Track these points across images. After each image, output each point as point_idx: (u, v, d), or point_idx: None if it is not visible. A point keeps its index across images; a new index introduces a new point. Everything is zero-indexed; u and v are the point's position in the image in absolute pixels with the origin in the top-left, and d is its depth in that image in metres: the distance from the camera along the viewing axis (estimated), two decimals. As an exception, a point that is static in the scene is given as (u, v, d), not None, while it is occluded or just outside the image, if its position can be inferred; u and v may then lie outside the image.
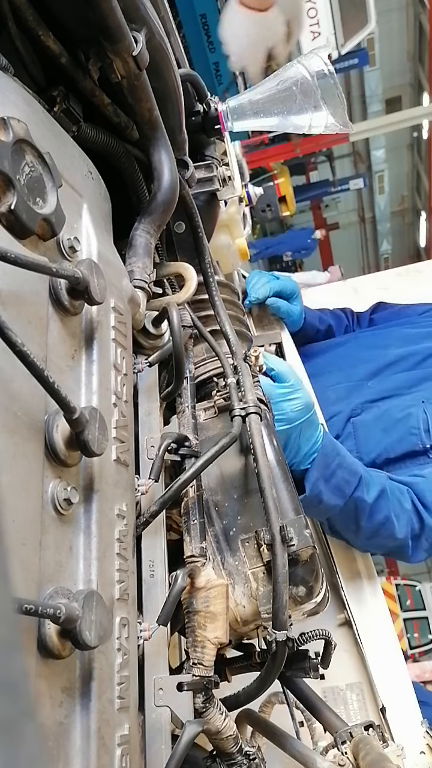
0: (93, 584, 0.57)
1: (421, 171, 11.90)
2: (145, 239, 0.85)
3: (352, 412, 1.84)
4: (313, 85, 1.13)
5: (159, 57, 0.81)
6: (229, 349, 0.99)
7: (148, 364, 0.86)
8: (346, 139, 8.14)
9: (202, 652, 0.76)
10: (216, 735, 0.77)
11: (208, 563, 0.81)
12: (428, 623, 9.49)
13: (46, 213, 0.57)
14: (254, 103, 1.19)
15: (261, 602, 0.80)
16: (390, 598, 8.94)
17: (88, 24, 0.70)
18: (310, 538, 0.80)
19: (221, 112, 1.19)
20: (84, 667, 0.54)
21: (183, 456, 0.85)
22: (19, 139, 0.55)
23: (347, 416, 1.83)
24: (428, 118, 8.91)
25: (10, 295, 0.53)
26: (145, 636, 0.69)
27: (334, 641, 0.89)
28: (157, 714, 0.69)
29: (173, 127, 0.92)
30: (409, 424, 1.74)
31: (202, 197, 1.22)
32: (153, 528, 0.76)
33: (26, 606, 0.44)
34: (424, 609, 9.64)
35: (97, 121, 0.84)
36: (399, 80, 11.11)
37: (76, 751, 0.51)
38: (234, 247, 1.70)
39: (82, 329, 0.66)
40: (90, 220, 0.71)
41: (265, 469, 0.81)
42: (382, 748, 0.85)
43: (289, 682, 0.96)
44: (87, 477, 0.61)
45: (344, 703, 1.47)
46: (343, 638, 1.52)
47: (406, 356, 1.91)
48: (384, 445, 1.74)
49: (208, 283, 1.06)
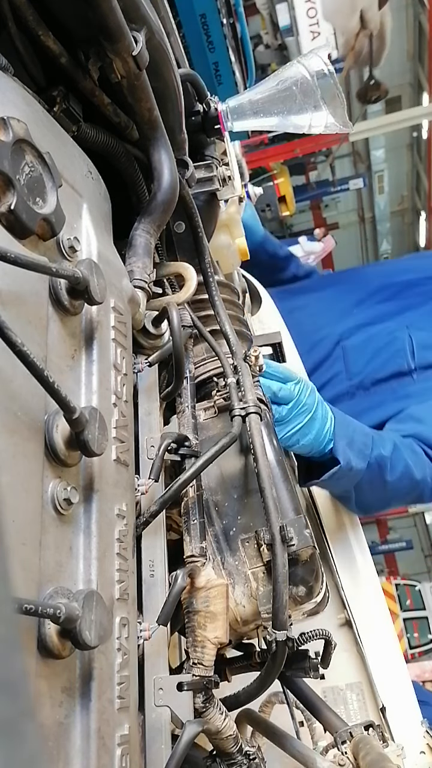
0: (93, 584, 0.57)
1: (420, 171, 11.89)
2: (145, 239, 0.85)
3: (340, 336, 1.98)
4: (313, 84, 1.13)
5: (159, 57, 0.81)
6: (229, 349, 0.99)
7: (148, 364, 0.85)
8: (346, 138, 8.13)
9: (202, 652, 0.76)
10: (216, 735, 0.77)
11: (208, 563, 0.81)
12: (428, 623, 9.50)
13: (45, 213, 0.57)
14: (254, 103, 1.19)
15: (261, 602, 0.80)
16: (390, 598, 8.95)
17: (88, 24, 0.70)
18: (310, 538, 0.80)
19: (221, 112, 1.18)
20: (84, 667, 0.54)
21: (183, 456, 0.85)
22: (19, 139, 0.55)
23: (336, 340, 1.98)
24: (428, 118, 8.90)
25: (10, 295, 0.53)
26: (145, 636, 0.69)
27: (334, 641, 0.89)
28: (157, 714, 0.69)
29: (173, 127, 0.92)
30: (395, 346, 1.90)
31: (202, 197, 1.22)
32: (153, 528, 0.76)
33: (26, 606, 0.44)
34: (424, 609, 9.66)
35: (97, 121, 0.84)
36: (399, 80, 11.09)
37: (76, 751, 0.51)
38: (234, 247, 1.70)
39: (82, 329, 0.66)
40: (90, 220, 0.71)
41: (265, 469, 0.81)
42: (382, 748, 0.85)
43: (289, 682, 0.96)
44: (87, 477, 0.61)
45: (344, 703, 1.47)
46: (343, 638, 1.52)
47: (386, 286, 2.05)
48: (373, 366, 1.89)
49: (208, 283, 1.06)
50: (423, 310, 1.98)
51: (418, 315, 1.97)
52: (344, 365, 1.95)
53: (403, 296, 2.02)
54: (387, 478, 1.56)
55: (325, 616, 0.93)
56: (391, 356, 1.92)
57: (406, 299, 2.01)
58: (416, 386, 1.88)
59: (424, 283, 2.03)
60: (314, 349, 1.98)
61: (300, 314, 2.00)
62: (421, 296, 2.00)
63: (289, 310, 2.03)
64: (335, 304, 2.08)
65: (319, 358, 1.99)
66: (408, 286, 2.04)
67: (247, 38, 3.37)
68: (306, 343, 1.97)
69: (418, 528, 15.18)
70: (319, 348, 1.97)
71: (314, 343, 1.97)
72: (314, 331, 1.99)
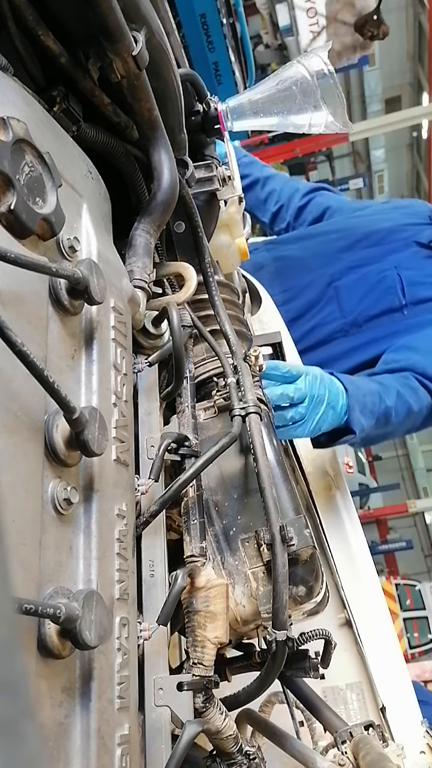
0: (93, 584, 0.57)
1: (420, 171, 11.89)
2: (145, 239, 0.85)
3: (331, 278, 2.10)
4: (313, 84, 1.13)
5: (159, 57, 0.81)
6: (229, 349, 0.99)
7: (148, 364, 0.85)
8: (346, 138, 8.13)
9: (202, 651, 0.76)
10: (216, 735, 0.77)
11: (208, 563, 0.81)
12: (428, 623, 9.51)
13: (45, 213, 0.57)
14: (254, 103, 1.19)
15: (261, 602, 0.80)
16: (390, 598, 8.95)
17: (88, 24, 0.70)
18: (310, 538, 0.80)
19: (221, 112, 1.18)
20: (84, 667, 0.54)
21: (183, 456, 0.85)
22: (19, 139, 0.55)
23: (327, 281, 2.10)
24: (428, 117, 8.91)
25: (10, 295, 0.53)
26: (145, 636, 0.69)
27: (334, 641, 0.89)
28: (157, 714, 0.69)
29: (173, 127, 0.92)
30: (386, 284, 2.04)
31: (201, 197, 1.22)
32: (153, 528, 0.76)
33: (26, 606, 0.44)
34: (424, 609, 9.67)
35: (96, 121, 0.84)
36: (399, 80, 11.11)
37: (76, 751, 0.51)
38: (234, 246, 1.69)
39: (81, 329, 0.66)
40: (90, 220, 0.71)
41: (265, 469, 0.81)
42: (382, 747, 0.85)
43: (289, 681, 0.96)
44: (87, 477, 0.61)
45: (344, 703, 1.47)
46: (343, 638, 1.51)
47: (371, 233, 2.20)
48: (365, 303, 2.02)
49: (207, 283, 1.06)
50: (407, 252, 2.13)
51: (403, 257, 2.11)
52: (337, 304, 2.07)
53: (387, 242, 2.16)
54: (392, 420, 1.68)
55: (325, 616, 0.93)
56: (382, 293, 2.04)
57: (390, 244, 2.15)
58: (407, 321, 2.02)
59: (404, 230, 2.19)
60: (306, 291, 2.10)
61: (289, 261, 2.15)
62: (403, 241, 2.16)
63: (277, 258, 2.20)
64: (323, 251, 2.20)
65: (311, 298, 2.11)
66: (390, 233, 2.18)
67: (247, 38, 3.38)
68: (296, 286, 2.12)
69: (418, 528, 15.19)
70: (311, 289, 2.09)
71: (305, 286, 2.10)
72: (305, 274, 2.11)
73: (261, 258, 2.21)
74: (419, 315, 2.02)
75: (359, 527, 1.70)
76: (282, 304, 2.05)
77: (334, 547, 1.63)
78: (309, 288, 2.10)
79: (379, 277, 2.06)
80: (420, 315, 2.02)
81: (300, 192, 2.54)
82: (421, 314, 2.02)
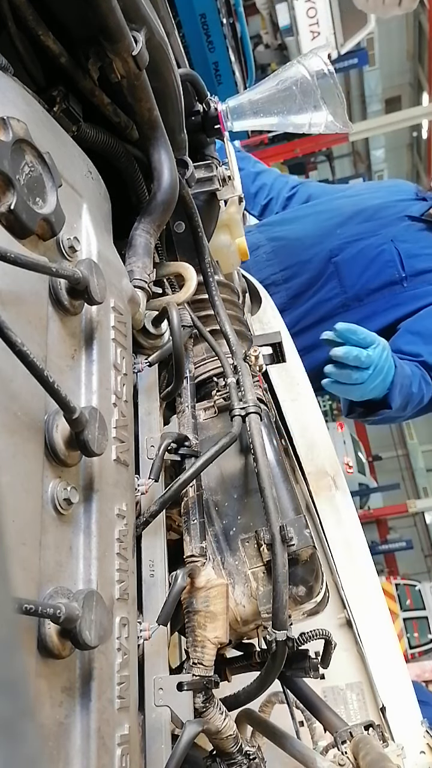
0: (93, 584, 0.57)
1: (420, 171, 11.90)
2: (145, 239, 0.85)
3: (330, 253, 2.15)
4: (313, 84, 1.13)
5: (159, 57, 0.81)
6: (229, 349, 0.99)
7: (148, 364, 0.85)
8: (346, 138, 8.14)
9: (202, 651, 0.76)
10: (216, 735, 0.77)
11: (208, 563, 0.81)
12: (428, 623, 9.51)
13: (45, 213, 0.57)
14: (254, 103, 1.19)
15: (261, 602, 0.80)
16: (390, 598, 8.95)
17: (88, 24, 0.70)
18: (310, 538, 0.80)
19: (221, 112, 1.18)
20: (84, 666, 0.54)
21: (183, 456, 0.85)
22: (19, 139, 0.55)
23: (327, 257, 2.15)
24: (428, 117, 8.91)
25: (10, 295, 0.53)
26: (145, 636, 0.69)
27: (334, 641, 0.89)
28: (157, 714, 0.69)
29: (173, 127, 0.92)
30: (384, 257, 2.09)
31: (201, 197, 1.22)
32: (153, 528, 0.76)
33: (26, 606, 0.44)
34: (424, 609, 9.67)
35: (96, 121, 0.84)
36: (398, 80, 11.11)
37: (76, 751, 0.51)
38: (234, 247, 1.69)
39: (81, 329, 0.66)
40: (90, 219, 0.71)
41: (265, 469, 0.81)
42: (382, 747, 0.85)
43: (289, 681, 0.96)
44: (87, 477, 0.61)
45: (344, 703, 1.46)
46: (343, 638, 1.51)
47: (361, 210, 2.23)
48: (366, 277, 2.07)
49: (207, 283, 1.06)
50: (401, 226, 2.18)
51: (397, 230, 2.16)
52: (338, 280, 2.11)
53: (378, 217, 2.21)
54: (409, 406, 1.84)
55: (325, 616, 0.93)
56: (382, 267, 2.09)
57: (382, 219, 2.20)
58: (406, 293, 2.08)
59: (393, 206, 2.25)
60: (306, 268, 2.14)
61: (285, 240, 2.18)
62: (394, 216, 2.21)
63: (272, 239, 2.23)
64: (318, 228, 2.24)
65: (312, 275, 2.15)
66: (380, 209, 2.23)
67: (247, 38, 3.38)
68: (296, 264, 2.16)
69: (418, 528, 15.19)
70: (311, 266, 2.13)
71: (304, 262, 2.13)
72: (302, 251, 2.14)
73: (255, 239, 2.24)
74: (418, 286, 2.09)
75: (359, 527, 1.70)
76: (282, 282, 2.11)
77: (334, 547, 1.63)
78: (309, 265, 2.13)
79: (377, 250, 2.11)
80: (419, 286, 2.09)
81: (288, 185, 2.58)
82: (420, 285, 2.09)
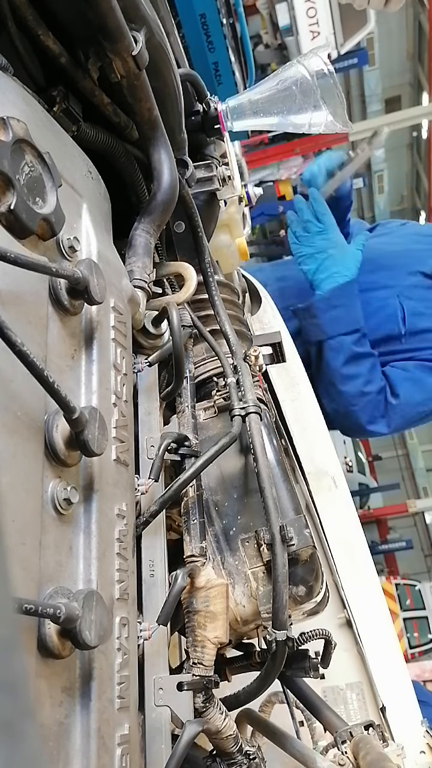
0: (93, 584, 0.57)
1: (420, 171, 11.90)
2: (145, 239, 0.85)
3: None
4: (313, 84, 1.13)
5: (158, 57, 0.81)
6: (229, 349, 0.99)
7: (147, 364, 0.85)
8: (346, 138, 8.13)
9: (202, 651, 0.76)
10: (216, 735, 0.77)
11: (208, 563, 0.81)
12: (428, 623, 9.50)
13: (45, 213, 0.57)
14: (254, 103, 1.19)
15: (261, 602, 0.80)
16: (390, 598, 8.95)
17: (88, 24, 0.70)
18: (309, 538, 0.80)
19: (221, 112, 1.18)
20: (84, 666, 0.54)
21: (183, 456, 0.85)
22: (19, 139, 0.55)
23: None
24: (428, 117, 8.91)
25: (10, 295, 0.53)
26: (145, 636, 0.69)
27: (334, 641, 0.89)
28: (157, 714, 0.69)
29: (173, 127, 0.92)
30: (387, 311, 2.15)
31: (201, 197, 1.22)
32: (153, 528, 0.76)
33: (26, 606, 0.44)
34: (424, 609, 9.66)
35: (96, 121, 0.84)
36: (398, 80, 11.11)
37: (76, 751, 0.51)
38: (234, 246, 1.70)
39: (81, 329, 0.66)
40: (90, 219, 0.71)
41: (265, 469, 0.81)
42: (382, 747, 0.85)
43: (289, 681, 0.96)
44: (87, 477, 0.61)
45: (344, 703, 1.47)
46: (343, 638, 1.51)
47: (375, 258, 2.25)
48: (367, 327, 2.09)
49: (207, 283, 1.06)
50: (410, 282, 2.22)
51: (406, 285, 2.21)
52: None
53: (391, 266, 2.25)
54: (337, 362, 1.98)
55: (325, 616, 0.93)
56: (383, 320, 2.14)
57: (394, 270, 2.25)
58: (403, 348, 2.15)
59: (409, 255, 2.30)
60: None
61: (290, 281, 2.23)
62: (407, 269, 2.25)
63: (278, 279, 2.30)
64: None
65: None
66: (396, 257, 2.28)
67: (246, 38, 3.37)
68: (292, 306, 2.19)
69: (418, 528, 15.18)
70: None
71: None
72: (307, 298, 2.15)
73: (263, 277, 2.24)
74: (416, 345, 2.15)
75: (359, 527, 1.70)
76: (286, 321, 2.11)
77: (334, 547, 1.63)
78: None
79: (381, 303, 2.15)
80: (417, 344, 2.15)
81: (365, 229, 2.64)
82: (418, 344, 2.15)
